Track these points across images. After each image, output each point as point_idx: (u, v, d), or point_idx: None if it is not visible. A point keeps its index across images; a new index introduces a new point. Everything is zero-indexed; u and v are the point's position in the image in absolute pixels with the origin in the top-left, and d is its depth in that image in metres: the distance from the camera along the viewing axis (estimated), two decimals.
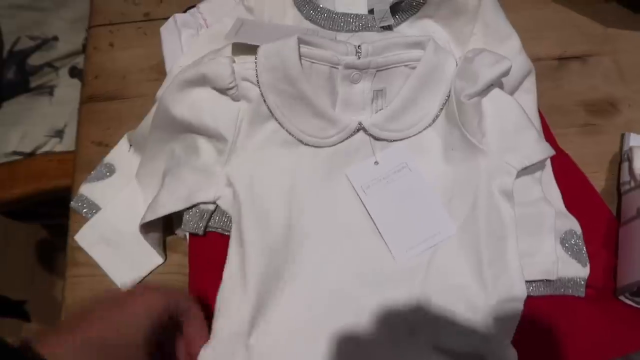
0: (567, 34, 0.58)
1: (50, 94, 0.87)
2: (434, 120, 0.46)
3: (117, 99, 0.57)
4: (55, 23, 0.90)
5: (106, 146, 0.54)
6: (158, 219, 0.45)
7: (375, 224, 0.44)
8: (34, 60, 0.89)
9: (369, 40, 0.44)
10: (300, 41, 0.42)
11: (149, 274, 0.50)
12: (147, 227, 0.46)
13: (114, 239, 0.50)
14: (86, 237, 0.51)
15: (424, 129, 0.46)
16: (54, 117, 0.83)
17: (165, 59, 0.52)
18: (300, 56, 0.42)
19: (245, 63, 0.43)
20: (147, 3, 0.63)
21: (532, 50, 0.52)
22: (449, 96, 0.45)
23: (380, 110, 0.46)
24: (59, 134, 0.82)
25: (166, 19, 0.55)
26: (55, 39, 0.90)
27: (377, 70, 0.44)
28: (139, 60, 0.59)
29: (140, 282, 0.50)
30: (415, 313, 0.42)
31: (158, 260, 0.50)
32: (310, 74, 0.43)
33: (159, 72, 0.56)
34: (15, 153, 0.80)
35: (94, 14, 0.63)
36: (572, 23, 0.59)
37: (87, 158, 0.54)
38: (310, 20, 0.50)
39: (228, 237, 0.45)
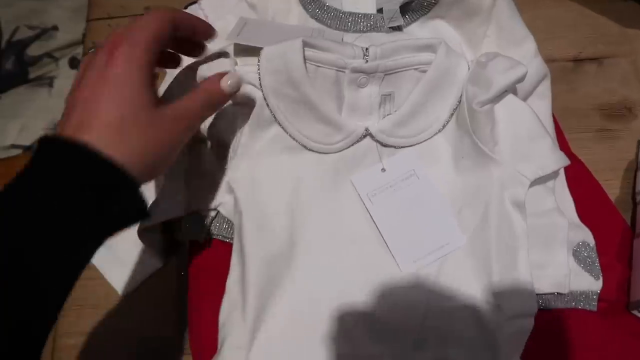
0: (583, 34, 0.56)
1: (50, 85, 0.85)
2: (444, 126, 0.44)
3: None
4: (55, 12, 0.89)
5: None
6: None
7: (380, 233, 0.43)
8: (33, 50, 0.87)
9: (377, 42, 0.42)
10: (305, 44, 0.40)
11: (147, 277, 0.49)
12: (145, 231, 0.45)
13: (111, 241, 0.49)
14: None
15: (434, 136, 0.44)
16: (53, 109, 0.81)
17: None
18: (304, 59, 0.41)
19: (247, 65, 0.41)
20: None
21: (546, 51, 0.50)
22: (460, 101, 0.43)
23: (388, 115, 0.44)
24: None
25: None
26: (55, 28, 0.89)
27: (386, 74, 0.42)
28: None
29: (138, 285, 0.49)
30: (421, 326, 0.40)
31: (157, 263, 0.49)
32: (315, 77, 0.42)
33: None
34: (14, 146, 0.79)
35: (92, 7, 0.61)
36: (587, 22, 0.56)
37: None
38: (316, 19, 0.48)
39: (228, 244, 0.44)
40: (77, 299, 0.49)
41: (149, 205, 0.33)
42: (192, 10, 0.52)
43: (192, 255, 0.45)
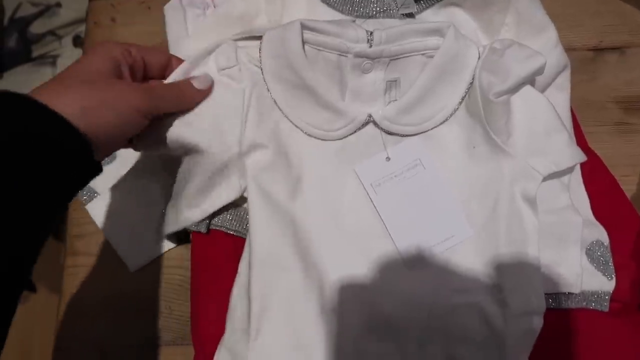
0: (605, 21, 0.53)
1: (53, 64, 0.84)
2: (451, 115, 0.42)
3: None
4: None
5: None
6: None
7: (385, 225, 0.41)
8: (36, 28, 0.86)
9: (386, 27, 0.40)
10: (304, 27, 0.39)
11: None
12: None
13: (126, 215, 0.49)
14: (97, 209, 0.49)
15: (441, 124, 0.42)
16: None
17: (169, 41, 0.48)
18: (304, 43, 0.39)
19: (247, 47, 0.41)
20: None
21: (565, 39, 0.48)
22: (469, 89, 0.41)
23: (393, 101, 0.42)
24: None
25: None
26: (58, 5, 0.87)
27: (391, 60, 0.41)
28: (143, 37, 0.55)
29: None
30: (426, 324, 0.39)
31: (169, 244, 0.48)
32: (316, 61, 0.40)
33: None
34: None
35: None
36: (609, 10, 0.54)
37: None
38: (326, 3, 0.46)
39: (231, 236, 0.43)
40: (77, 286, 0.48)
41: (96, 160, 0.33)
42: None
43: (195, 247, 0.44)
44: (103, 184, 0.50)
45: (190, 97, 0.39)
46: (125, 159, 0.50)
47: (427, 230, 0.41)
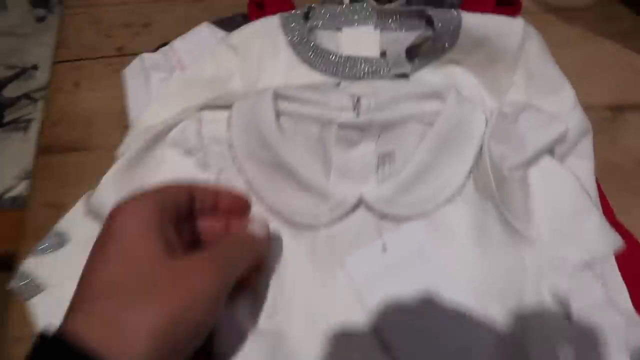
0: (624, 77, 0.48)
1: (25, 129, 0.80)
2: (457, 192, 0.36)
3: (79, 150, 0.48)
4: (35, 50, 0.85)
5: (60, 208, 0.45)
6: None
7: (383, 335, 0.33)
8: (10, 91, 0.82)
9: (379, 89, 0.35)
10: (278, 96, 0.33)
11: None
12: None
13: None
14: (43, 306, 0.40)
15: (445, 204, 0.36)
16: (25, 157, 0.75)
17: (130, 109, 0.43)
18: (279, 114, 0.33)
19: (215, 122, 0.35)
20: (121, 35, 0.54)
21: (579, 97, 0.42)
22: (476, 161, 0.35)
23: (387, 179, 0.36)
24: (30, 176, 0.74)
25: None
26: (35, 67, 0.84)
27: (383, 129, 0.35)
28: (108, 102, 0.49)
29: None
30: None
31: None
32: (294, 135, 0.34)
33: None
34: None
35: (60, 48, 0.55)
36: (628, 63, 0.49)
37: (37, 223, 0.45)
38: (308, 63, 0.40)
39: None
40: None
41: None
42: (163, 51, 0.44)
43: None
44: (51, 274, 0.42)
45: (261, 246, 0.32)
46: (80, 243, 0.43)
47: (436, 341, 0.33)
